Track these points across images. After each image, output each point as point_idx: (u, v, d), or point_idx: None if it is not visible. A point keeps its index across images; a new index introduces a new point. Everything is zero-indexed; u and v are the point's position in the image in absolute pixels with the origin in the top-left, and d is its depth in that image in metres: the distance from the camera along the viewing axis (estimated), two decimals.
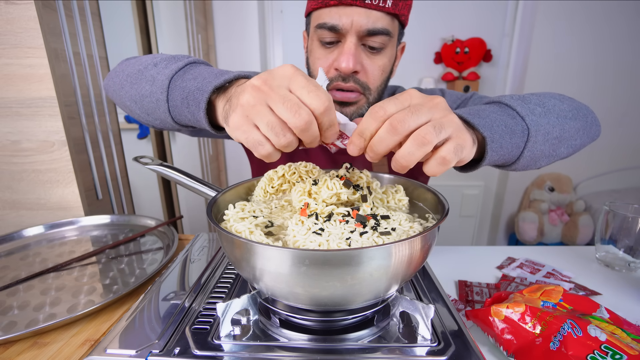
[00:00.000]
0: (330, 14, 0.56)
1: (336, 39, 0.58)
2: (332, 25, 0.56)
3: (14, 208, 0.79)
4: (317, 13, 0.59)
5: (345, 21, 0.55)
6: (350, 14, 0.55)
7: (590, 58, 1.86)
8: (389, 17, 0.57)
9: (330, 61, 0.60)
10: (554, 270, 0.65)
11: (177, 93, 0.44)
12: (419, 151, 0.32)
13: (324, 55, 0.61)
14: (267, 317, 0.39)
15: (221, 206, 0.44)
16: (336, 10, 0.55)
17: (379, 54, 0.60)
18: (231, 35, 1.81)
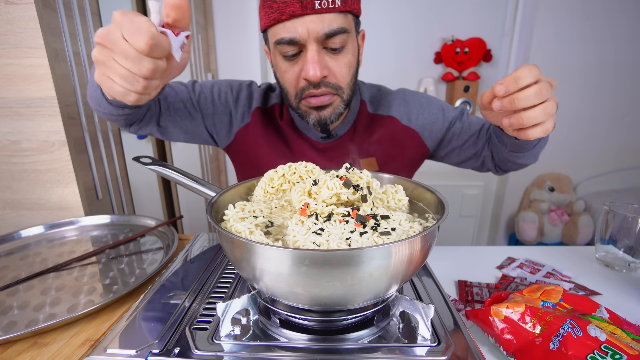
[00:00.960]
0: (286, 28, 0.57)
1: (297, 50, 0.59)
2: (290, 39, 0.57)
3: (14, 208, 0.79)
4: (273, 30, 0.60)
5: (301, 32, 0.56)
6: (305, 24, 0.56)
7: (591, 58, 1.86)
8: (341, 15, 0.58)
9: (297, 72, 0.62)
10: (554, 270, 0.65)
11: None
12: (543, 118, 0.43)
13: (290, 68, 0.62)
14: (267, 317, 0.39)
15: (221, 206, 0.44)
16: (290, 23, 0.56)
17: (342, 53, 0.61)
18: (231, 35, 1.81)
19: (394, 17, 1.89)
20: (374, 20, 1.89)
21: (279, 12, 0.56)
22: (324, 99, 0.63)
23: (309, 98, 0.64)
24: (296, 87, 0.64)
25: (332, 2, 0.55)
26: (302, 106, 0.66)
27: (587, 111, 1.96)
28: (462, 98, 1.91)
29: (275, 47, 0.61)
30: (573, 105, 1.95)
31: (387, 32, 1.91)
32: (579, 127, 1.98)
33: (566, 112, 1.97)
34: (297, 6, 0.54)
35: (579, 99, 1.94)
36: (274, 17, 0.57)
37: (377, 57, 1.96)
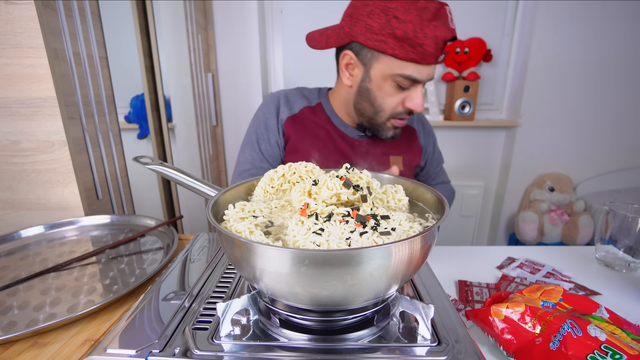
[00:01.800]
0: (417, 69, 0.68)
1: (410, 85, 0.71)
2: (415, 78, 0.69)
3: (14, 208, 0.79)
4: (401, 64, 0.68)
5: (425, 75, 0.69)
6: (429, 70, 0.70)
7: (591, 58, 1.86)
8: None
9: (400, 99, 0.74)
10: (554, 270, 0.65)
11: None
12: None
13: (395, 94, 0.74)
14: (267, 317, 0.39)
15: (221, 206, 0.44)
16: (422, 68, 0.68)
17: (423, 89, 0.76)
18: (231, 35, 1.81)
19: None
20: None
21: (420, 56, 0.66)
22: (404, 122, 0.79)
23: (399, 120, 0.78)
24: (393, 109, 0.76)
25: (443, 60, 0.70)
26: (388, 123, 0.79)
27: (587, 111, 1.96)
28: (462, 98, 1.91)
29: (393, 76, 0.70)
30: (573, 105, 1.95)
31: None
32: (579, 127, 1.98)
33: (566, 113, 1.97)
34: (433, 58, 0.66)
35: (578, 99, 1.94)
36: (412, 57, 0.66)
37: None
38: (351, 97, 0.79)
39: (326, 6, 1.88)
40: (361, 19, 0.68)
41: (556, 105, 1.95)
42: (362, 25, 0.68)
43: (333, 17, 2.07)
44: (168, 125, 1.42)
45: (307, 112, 0.87)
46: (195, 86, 1.62)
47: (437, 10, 0.64)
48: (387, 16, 0.65)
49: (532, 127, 1.96)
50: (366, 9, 0.67)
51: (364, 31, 0.68)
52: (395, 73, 0.69)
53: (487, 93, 2.05)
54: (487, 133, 2.08)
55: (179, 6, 1.46)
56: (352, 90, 0.78)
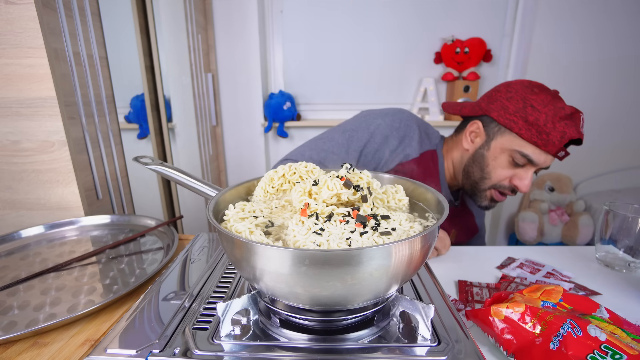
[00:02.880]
0: (535, 152, 0.72)
1: (524, 164, 0.75)
2: (531, 159, 0.73)
3: (14, 208, 0.79)
4: (523, 143, 0.73)
5: (542, 161, 0.73)
6: (547, 159, 0.73)
7: (591, 58, 1.86)
8: None
9: (509, 174, 0.77)
10: (554, 270, 0.65)
11: None
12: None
13: (507, 169, 0.77)
14: (267, 317, 0.39)
15: (221, 206, 0.44)
16: (540, 153, 0.72)
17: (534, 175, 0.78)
18: (231, 35, 1.81)
19: (395, 17, 1.89)
20: (374, 21, 1.90)
21: (542, 142, 0.71)
22: (504, 198, 0.81)
23: (499, 194, 0.81)
24: (500, 181, 0.79)
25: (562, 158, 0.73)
26: (487, 193, 0.82)
27: (587, 111, 1.95)
28: (462, 98, 1.91)
29: (512, 151, 0.75)
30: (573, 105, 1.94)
31: (387, 32, 1.91)
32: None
33: None
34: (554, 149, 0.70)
35: (579, 99, 1.93)
36: (535, 140, 0.71)
37: (378, 57, 1.96)
38: (464, 160, 0.84)
39: (326, 6, 1.88)
40: (500, 100, 0.76)
41: None
42: (499, 105, 0.76)
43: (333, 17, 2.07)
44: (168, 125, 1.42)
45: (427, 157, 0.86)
46: (195, 86, 1.62)
47: (572, 113, 0.71)
48: (524, 103, 0.73)
49: None
50: (507, 94, 0.75)
51: (498, 109, 0.75)
52: (514, 149, 0.74)
53: None
54: None
55: (179, 6, 1.46)
56: (467, 154, 0.83)
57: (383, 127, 0.84)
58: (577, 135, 0.70)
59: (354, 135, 0.84)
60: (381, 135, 0.83)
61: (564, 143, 0.69)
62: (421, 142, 0.85)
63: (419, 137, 0.85)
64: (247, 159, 2.02)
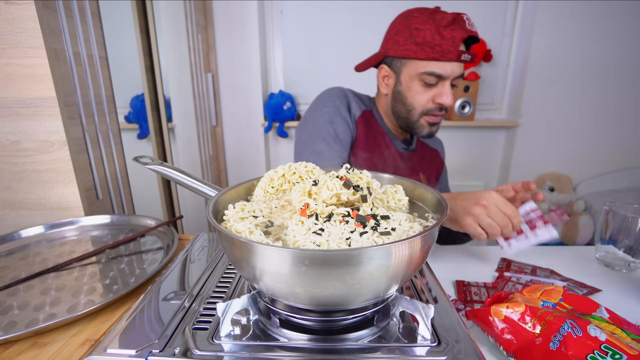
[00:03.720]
0: (439, 66, 0.76)
1: (436, 81, 0.78)
2: (440, 74, 0.77)
3: (14, 208, 0.79)
4: (425, 63, 0.77)
5: (448, 71, 0.77)
6: (452, 67, 0.76)
7: (591, 58, 1.86)
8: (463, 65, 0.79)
9: (430, 96, 0.81)
10: (553, 270, 0.65)
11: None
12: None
13: (424, 92, 0.81)
14: (267, 317, 0.39)
15: (221, 206, 0.44)
16: (443, 64, 0.76)
17: (454, 88, 0.82)
18: (231, 35, 1.81)
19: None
20: (374, 20, 1.90)
21: (440, 54, 0.74)
22: (439, 118, 0.85)
23: (432, 116, 0.84)
24: (424, 106, 0.82)
25: (469, 58, 0.76)
26: (421, 120, 0.85)
27: (587, 111, 1.96)
28: (462, 98, 1.91)
29: (419, 74, 0.79)
30: (573, 105, 1.95)
31: None
32: (579, 127, 1.98)
33: (566, 112, 1.97)
34: (454, 56, 0.74)
35: (579, 99, 1.94)
36: (433, 56, 0.75)
37: None
38: (389, 104, 0.88)
39: (326, 6, 1.88)
40: (391, 38, 0.82)
41: (556, 105, 1.95)
42: (392, 42, 0.81)
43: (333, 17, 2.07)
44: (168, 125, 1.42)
45: (368, 114, 0.92)
46: (195, 86, 1.62)
47: (453, 18, 0.74)
48: (409, 30, 0.77)
49: (532, 127, 1.96)
50: (394, 30, 0.81)
51: (392, 45, 0.81)
52: (419, 72, 0.78)
53: (487, 93, 2.05)
54: (487, 133, 2.08)
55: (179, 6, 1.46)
56: (388, 98, 0.88)
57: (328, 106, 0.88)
58: (466, 34, 0.73)
59: (325, 126, 0.87)
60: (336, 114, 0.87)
61: (458, 46, 0.73)
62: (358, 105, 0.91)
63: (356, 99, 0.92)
64: (247, 159, 2.02)
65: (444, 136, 2.06)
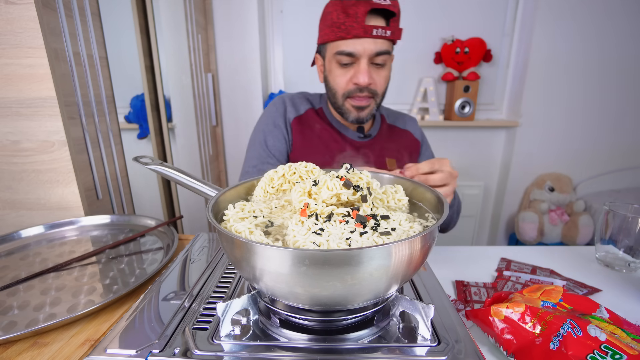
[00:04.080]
0: (347, 44, 0.75)
1: (352, 61, 0.77)
2: (350, 52, 0.75)
3: (14, 208, 0.79)
4: (336, 44, 0.77)
5: (359, 49, 0.75)
6: (363, 44, 0.74)
7: (591, 58, 1.86)
8: (387, 41, 0.76)
9: (348, 77, 0.79)
10: (553, 270, 0.65)
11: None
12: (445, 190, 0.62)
13: (343, 74, 0.80)
14: (267, 317, 0.39)
15: (221, 206, 0.44)
16: (352, 42, 0.74)
17: (383, 68, 0.80)
18: (231, 35, 1.81)
19: None
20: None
21: (345, 32, 0.73)
22: (364, 101, 0.81)
23: (355, 99, 0.81)
24: (345, 88, 0.81)
25: (384, 32, 0.73)
26: (346, 104, 0.83)
27: (587, 111, 1.96)
28: (462, 98, 1.91)
29: (334, 56, 0.78)
30: (573, 106, 1.95)
31: None
32: (579, 127, 1.98)
33: (566, 113, 1.97)
34: (361, 31, 0.72)
35: (579, 99, 1.94)
36: (340, 35, 0.74)
37: None
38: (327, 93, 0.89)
39: None
40: (319, 28, 0.83)
41: (556, 105, 1.95)
42: (319, 31, 0.83)
43: None
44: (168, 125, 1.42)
45: (311, 113, 0.93)
46: (195, 86, 1.62)
47: None
48: (324, 15, 0.80)
49: (532, 127, 1.96)
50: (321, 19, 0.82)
51: (319, 34, 0.83)
52: (333, 53, 0.78)
53: (487, 93, 2.05)
54: (487, 133, 2.08)
55: (179, 6, 1.46)
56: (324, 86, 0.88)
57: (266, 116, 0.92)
58: (369, 7, 0.71)
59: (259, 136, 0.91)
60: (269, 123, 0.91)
61: (362, 21, 0.72)
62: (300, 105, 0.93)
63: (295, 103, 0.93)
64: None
65: (444, 136, 2.07)
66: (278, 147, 0.90)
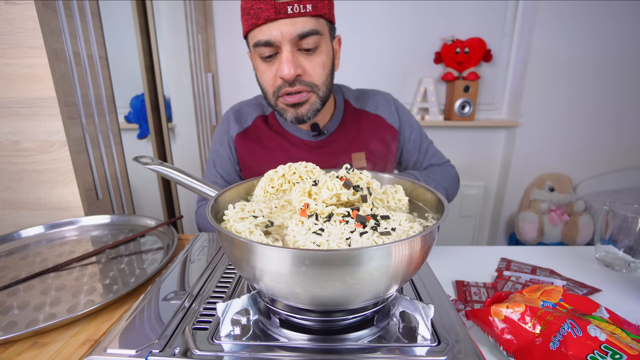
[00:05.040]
0: (262, 31, 0.63)
1: (274, 51, 0.65)
2: (266, 41, 0.64)
3: (14, 208, 0.79)
4: (252, 34, 0.66)
5: (275, 34, 0.62)
6: (279, 27, 0.62)
7: (591, 58, 1.86)
8: (313, 19, 0.64)
9: (274, 72, 0.68)
10: (553, 270, 0.65)
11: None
12: None
13: (267, 68, 0.68)
14: (267, 317, 0.39)
15: (221, 206, 0.44)
16: (266, 27, 0.63)
17: (315, 53, 0.67)
18: (231, 35, 1.81)
19: (394, 17, 1.89)
20: (374, 20, 1.89)
21: (255, 17, 0.62)
22: (299, 96, 0.69)
23: (286, 96, 0.69)
24: (273, 85, 0.69)
25: (303, 8, 0.61)
26: (279, 103, 0.72)
27: (587, 111, 1.96)
28: (462, 98, 1.91)
29: (254, 49, 0.67)
30: (573, 105, 1.95)
31: (387, 32, 1.91)
32: (579, 127, 1.98)
33: (566, 113, 1.97)
34: (272, 12, 0.60)
35: (579, 99, 1.94)
36: (251, 22, 0.63)
37: (377, 57, 1.96)
38: None
39: None
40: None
41: (556, 106, 1.95)
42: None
43: None
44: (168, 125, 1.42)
45: (259, 122, 0.84)
46: (195, 86, 1.62)
47: None
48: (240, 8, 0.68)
49: (532, 127, 1.96)
50: None
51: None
52: (252, 46, 0.67)
53: (487, 93, 2.05)
54: (487, 133, 2.08)
55: (179, 6, 1.46)
56: None
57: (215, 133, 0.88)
58: None
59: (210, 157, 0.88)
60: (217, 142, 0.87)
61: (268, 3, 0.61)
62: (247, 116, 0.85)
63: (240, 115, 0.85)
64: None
65: (445, 136, 2.07)
66: (225, 167, 0.85)
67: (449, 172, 0.87)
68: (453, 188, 0.85)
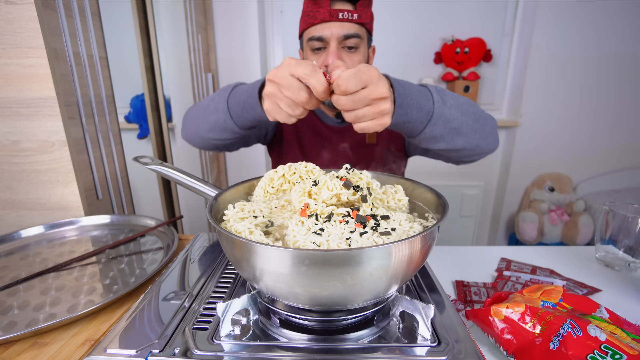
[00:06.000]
0: (317, 29, 0.78)
1: (323, 46, 0.80)
2: (319, 37, 0.78)
3: (14, 208, 0.79)
4: (307, 31, 0.81)
5: (327, 33, 0.77)
6: (330, 27, 0.77)
7: (591, 58, 1.86)
8: (357, 25, 0.79)
9: (320, 62, 0.81)
10: (553, 270, 0.65)
11: (236, 108, 0.67)
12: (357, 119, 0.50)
13: (316, 59, 0.83)
14: (267, 317, 0.39)
15: (221, 206, 0.44)
16: (320, 26, 0.78)
17: (355, 52, 0.81)
18: (231, 35, 1.81)
19: (394, 17, 1.89)
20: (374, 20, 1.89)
21: (313, 18, 0.77)
22: None
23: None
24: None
25: (351, 15, 0.76)
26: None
27: (587, 111, 1.96)
28: None
29: (307, 43, 0.81)
30: (573, 105, 1.95)
31: (387, 32, 1.91)
32: (579, 127, 1.98)
33: (566, 112, 1.97)
34: (327, 15, 0.76)
35: (579, 99, 1.94)
36: (309, 22, 0.78)
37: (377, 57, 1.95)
38: None
39: None
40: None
41: (556, 105, 1.95)
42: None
43: None
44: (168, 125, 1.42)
45: None
46: (195, 86, 1.62)
47: None
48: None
49: (532, 127, 1.96)
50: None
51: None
52: (306, 41, 0.82)
53: (487, 93, 2.05)
54: None
55: (179, 6, 1.46)
56: None
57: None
58: None
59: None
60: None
61: (329, 5, 0.75)
62: None
63: None
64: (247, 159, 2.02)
65: None
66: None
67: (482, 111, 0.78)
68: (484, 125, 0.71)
